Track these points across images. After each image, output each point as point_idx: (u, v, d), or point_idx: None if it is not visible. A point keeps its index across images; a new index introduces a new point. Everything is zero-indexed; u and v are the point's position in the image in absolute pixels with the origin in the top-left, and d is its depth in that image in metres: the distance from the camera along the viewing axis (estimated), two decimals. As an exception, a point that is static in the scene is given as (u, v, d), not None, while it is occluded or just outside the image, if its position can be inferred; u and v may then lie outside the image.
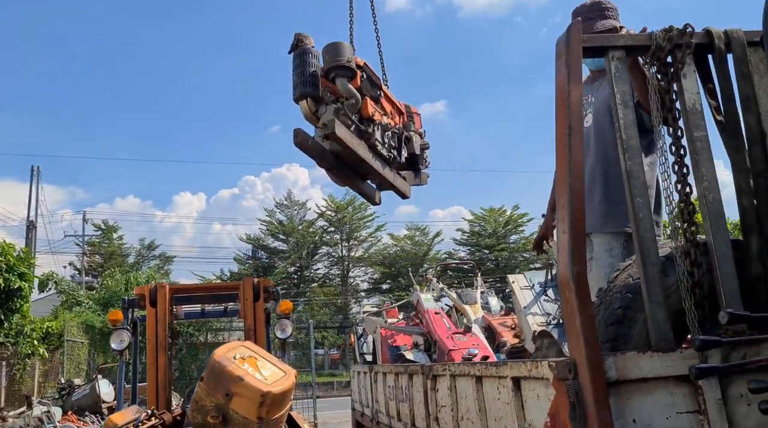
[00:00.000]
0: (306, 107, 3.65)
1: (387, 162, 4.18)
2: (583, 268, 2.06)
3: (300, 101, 3.63)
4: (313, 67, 3.60)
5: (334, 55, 3.62)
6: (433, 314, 7.73)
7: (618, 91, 2.34)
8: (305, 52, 3.60)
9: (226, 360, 2.94)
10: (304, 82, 3.56)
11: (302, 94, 3.57)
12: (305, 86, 3.56)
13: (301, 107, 3.66)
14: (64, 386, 13.38)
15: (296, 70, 3.59)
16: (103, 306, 23.22)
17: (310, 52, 3.61)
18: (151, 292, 4.47)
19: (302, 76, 3.56)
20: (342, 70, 3.64)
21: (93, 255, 38.10)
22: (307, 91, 3.58)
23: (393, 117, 4.27)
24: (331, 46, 3.68)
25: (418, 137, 4.49)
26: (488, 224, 39.46)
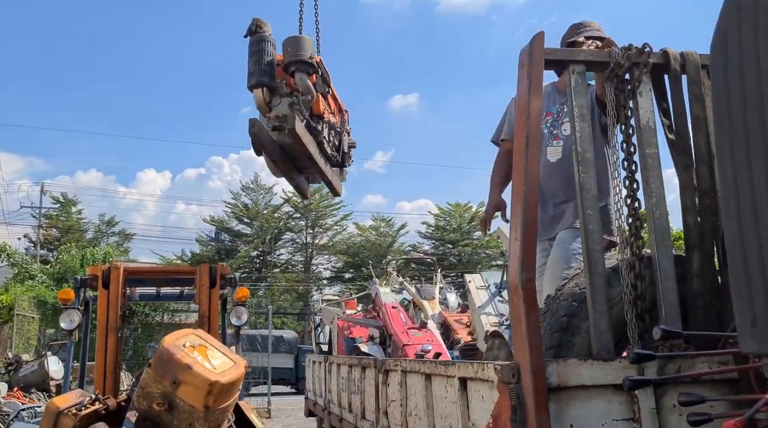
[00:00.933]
0: (260, 96, 3.63)
1: (329, 160, 4.28)
2: (532, 275, 2.11)
3: (255, 89, 3.62)
4: (270, 56, 3.60)
5: (297, 49, 3.63)
6: (390, 308, 7.81)
7: (576, 105, 2.39)
8: (263, 39, 3.59)
9: (175, 348, 2.93)
10: (261, 70, 3.56)
11: (258, 82, 3.57)
12: (262, 75, 3.55)
13: (255, 95, 3.64)
14: (12, 361, 13.09)
15: (253, 57, 3.58)
16: (57, 282, 22.70)
17: (267, 40, 3.60)
18: (105, 273, 4.39)
19: (259, 64, 3.55)
20: (303, 65, 3.66)
21: (50, 229, 37.13)
22: (264, 80, 3.57)
23: (335, 115, 4.36)
24: (294, 39, 3.69)
25: (346, 135, 4.58)
26: (453, 219, 39.79)
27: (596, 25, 3.24)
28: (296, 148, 3.81)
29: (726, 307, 2.25)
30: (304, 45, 3.67)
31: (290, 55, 3.62)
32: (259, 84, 3.58)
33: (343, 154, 4.49)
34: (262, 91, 3.63)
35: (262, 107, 3.67)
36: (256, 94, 3.64)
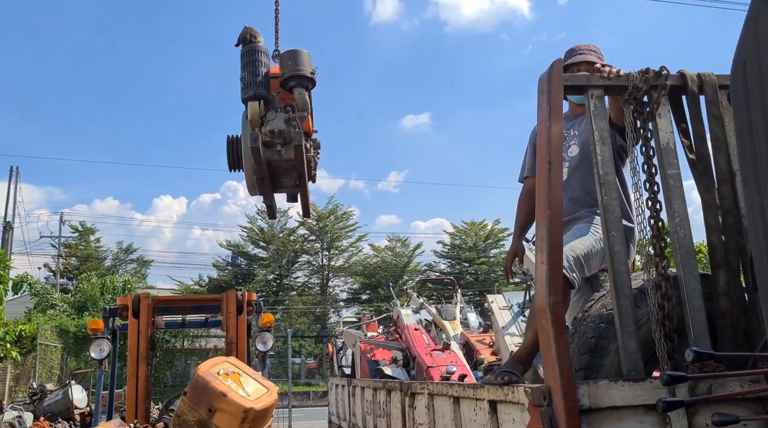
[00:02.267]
0: (256, 109, 3.51)
1: (311, 179, 4.18)
2: (560, 298, 2.15)
3: (251, 102, 3.50)
4: (265, 67, 3.51)
5: (297, 63, 3.53)
6: (412, 330, 7.81)
7: (596, 129, 2.45)
8: (257, 50, 3.51)
9: (210, 376, 2.99)
10: (258, 82, 3.46)
11: (257, 94, 3.46)
12: (259, 87, 3.46)
13: (251, 107, 3.50)
14: (36, 391, 13.15)
15: (247, 68, 3.48)
16: (78, 310, 22.92)
17: (261, 50, 3.53)
18: (134, 303, 4.48)
19: (255, 75, 3.46)
20: (304, 80, 3.56)
21: (69, 257, 37.53)
22: (262, 92, 3.47)
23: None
24: (293, 53, 3.57)
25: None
26: (469, 238, 39.68)
27: (591, 47, 3.29)
28: (284, 165, 3.69)
29: (753, 325, 2.27)
30: (304, 59, 3.56)
31: (290, 69, 3.51)
32: (257, 97, 3.47)
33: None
34: (259, 103, 3.51)
35: (256, 120, 3.53)
36: (251, 107, 3.51)
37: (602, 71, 2.50)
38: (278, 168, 3.75)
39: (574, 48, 3.29)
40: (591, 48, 3.23)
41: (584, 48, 3.23)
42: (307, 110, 3.62)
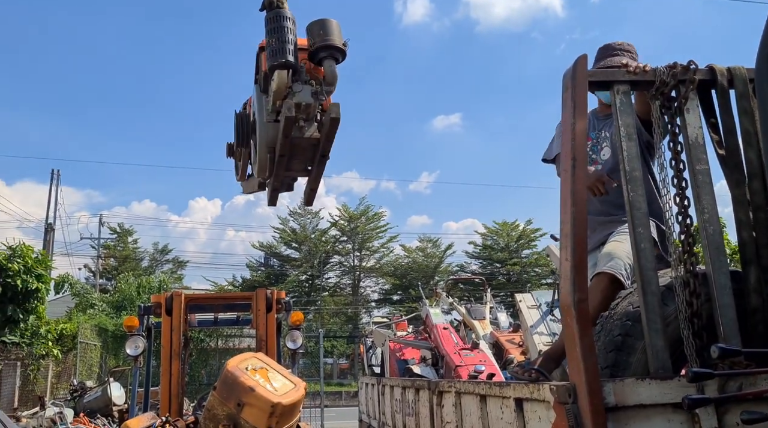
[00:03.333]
0: (284, 78, 3.22)
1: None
2: (585, 295, 2.14)
3: (280, 70, 3.21)
4: (293, 34, 3.23)
5: (328, 34, 3.24)
6: (441, 329, 7.80)
7: (622, 125, 2.42)
8: (284, 15, 3.23)
9: (239, 371, 3.04)
10: (287, 49, 3.16)
11: (287, 63, 3.17)
12: (289, 55, 3.16)
13: (279, 76, 3.22)
14: (77, 388, 13.53)
15: (274, 34, 3.20)
16: (116, 309, 23.48)
17: (288, 17, 3.24)
18: (167, 301, 4.58)
19: (284, 42, 3.17)
20: (336, 52, 3.27)
21: (108, 258, 38.46)
22: (292, 61, 3.18)
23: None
24: (322, 22, 3.29)
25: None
26: (501, 238, 39.38)
27: (625, 44, 3.23)
28: (302, 143, 3.41)
29: (786, 322, 2.22)
30: (335, 29, 3.28)
31: (321, 39, 3.23)
32: (288, 65, 3.18)
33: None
34: (288, 73, 3.24)
35: (281, 91, 3.27)
36: (279, 76, 3.23)
37: (629, 67, 2.47)
38: (295, 147, 3.45)
39: (609, 45, 3.23)
40: (625, 47, 3.16)
41: (618, 47, 3.17)
42: (334, 85, 3.36)
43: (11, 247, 14.42)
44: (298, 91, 3.22)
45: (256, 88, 3.68)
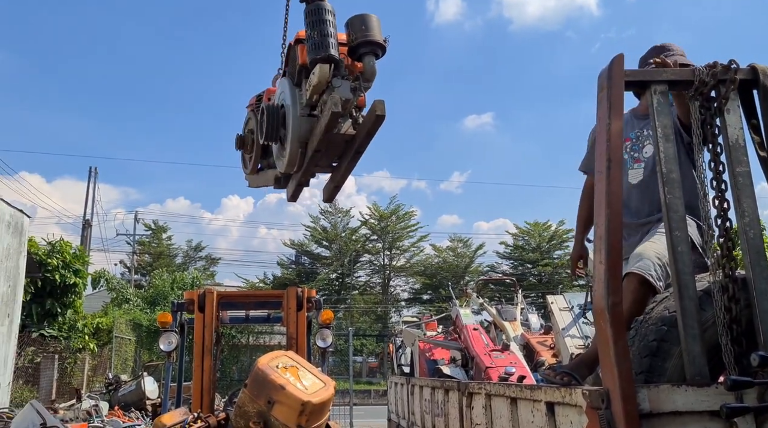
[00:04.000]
0: (326, 72, 3.16)
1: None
2: (619, 299, 2.10)
3: (322, 64, 3.16)
4: (334, 27, 3.19)
5: (369, 29, 3.19)
6: (471, 330, 7.76)
7: (659, 125, 2.37)
8: (324, 9, 3.18)
9: (269, 369, 3.07)
10: (329, 43, 3.12)
11: (330, 57, 3.12)
12: (332, 49, 3.11)
13: (321, 70, 3.16)
14: (112, 381, 13.85)
15: (316, 27, 3.15)
16: (150, 305, 23.95)
17: (329, 9, 3.20)
18: (200, 297, 4.64)
19: (326, 36, 3.13)
20: (377, 48, 3.23)
21: (143, 254, 39.24)
22: (335, 56, 3.13)
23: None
24: (367, 18, 3.23)
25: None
26: (532, 239, 38.98)
27: (679, 49, 3.16)
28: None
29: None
30: (375, 25, 3.22)
31: (362, 34, 3.18)
32: (331, 60, 3.14)
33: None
34: (330, 67, 3.18)
35: (321, 85, 3.21)
36: (321, 70, 3.17)
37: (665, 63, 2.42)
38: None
39: (664, 46, 3.17)
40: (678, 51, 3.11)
41: (677, 49, 3.12)
42: (373, 81, 3.32)
43: (51, 243, 14.83)
44: (337, 86, 3.16)
45: (284, 81, 3.64)
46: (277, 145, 3.76)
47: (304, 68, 3.40)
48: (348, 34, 3.25)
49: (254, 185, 4.57)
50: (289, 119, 3.53)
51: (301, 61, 3.38)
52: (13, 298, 10.91)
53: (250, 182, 4.58)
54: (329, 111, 3.12)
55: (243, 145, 4.30)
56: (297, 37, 3.50)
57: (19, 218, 11.10)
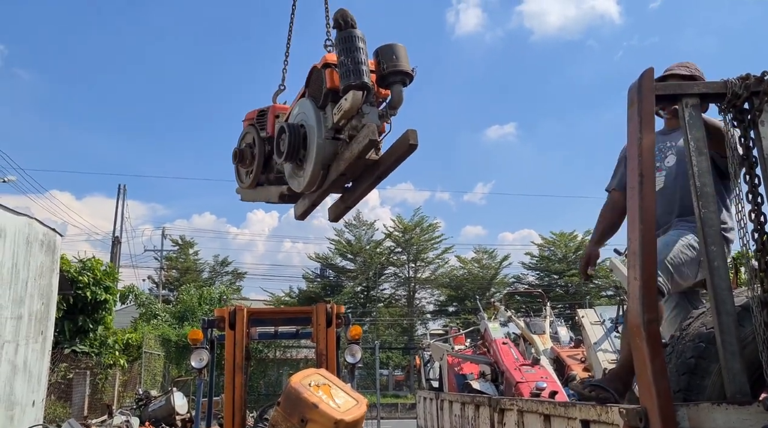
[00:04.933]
0: (359, 99, 3.25)
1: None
2: (655, 316, 2.08)
3: (356, 91, 3.25)
4: (365, 55, 3.27)
5: (400, 59, 3.29)
6: (500, 344, 7.70)
7: (692, 139, 2.35)
8: (357, 36, 3.27)
9: (302, 387, 3.09)
10: (362, 71, 3.21)
11: (364, 85, 3.22)
12: (365, 76, 3.21)
13: (354, 96, 3.25)
14: (142, 396, 13.99)
15: (349, 54, 3.23)
16: (179, 320, 24.20)
17: (361, 37, 3.29)
18: (231, 315, 4.68)
19: (360, 63, 3.22)
20: (406, 77, 3.34)
21: (170, 270, 39.70)
22: (368, 84, 3.23)
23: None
24: (396, 48, 3.34)
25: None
26: (558, 249, 38.57)
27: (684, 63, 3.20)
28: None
29: None
30: (403, 54, 3.32)
31: (393, 64, 3.28)
32: (364, 87, 3.25)
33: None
34: (363, 94, 3.28)
35: (353, 111, 3.29)
36: (354, 96, 3.26)
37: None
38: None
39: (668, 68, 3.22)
40: (684, 64, 3.13)
41: (675, 65, 3.15)
42: (398, 109, 3.42)
43: (82, 260, 15.11)
44: (367, 113, 3.29)
45: (306, 103, 3.69)
46: (292, 164, 3.78)
47: (331, 92, 3.47)
48: (378, 63, 3.33)
49: (249, 199, 4.63)
50: (312, 141, 3.58)
51: (329, 85, 3.45)
52: (47, 315, 11.11)
53: (243, 196, 4.62)
54: (366, 138, 3.20)
55: (242, 159, 4.35)
56: (325, 62, 3.56)
57: (52, 236, 11.33)
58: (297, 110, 3.82)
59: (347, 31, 3.31)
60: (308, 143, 3.63)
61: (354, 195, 3.90)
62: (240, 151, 4.37)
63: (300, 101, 3.81)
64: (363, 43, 3.29)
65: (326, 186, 3.73)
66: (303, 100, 3.78)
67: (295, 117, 3.81)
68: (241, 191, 4.64)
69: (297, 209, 4.26)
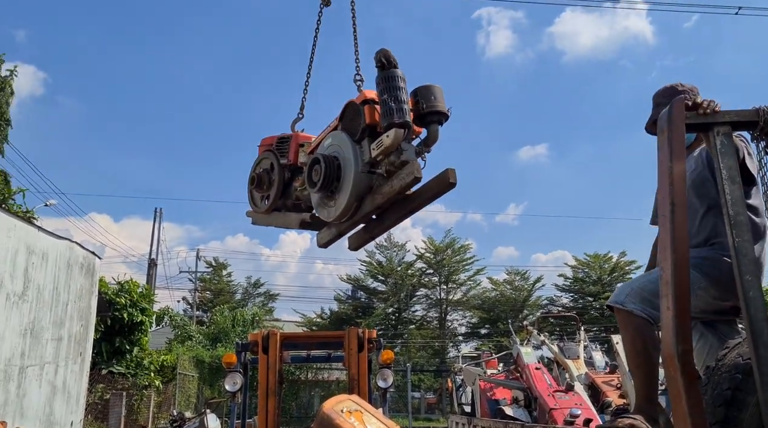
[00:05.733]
0: (401, 136, 3.38)
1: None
2: (689, 347, 2.06)
3: (398, 129, 3.37)
4: (407, 95, 3.42)
5: (438, 100, 3.45)
6: (533, 369, 7.59)
7: (724, 167, 2.33)
8: (401, 77, 3.44)
9: (334, 413, 3.10)
10: (405, 110, 3.36)
11: (407, 124, 3.37)
12: (407, 116, 3.36)
13: (396, 134, 3.36)
14: (176, 418, 14.10)
15: (393, 92, 3.37)
16: (212, 341, 24.44)
17: (402, 77, 3.45)
18: (264, 339, 4.75)
19: (401, 102, 3.37)
20: (443, 117, 3.48)
21: (204, 291, 40.22)
22: (410, 123, 3.38)
23: None
24: (435, 89, 3.50)
25: None
26: (593, 271, 37.92)
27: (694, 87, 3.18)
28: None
29: None
30: (441, 95, 3.47)
31: (430, 104, 3.42)
32: (406, 126, 3.38)
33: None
34: (404, 132, 3.40)
35: (392, 147, 3.41)
36: (396, 134, 3.37)
37: (702, 106, 2.41)
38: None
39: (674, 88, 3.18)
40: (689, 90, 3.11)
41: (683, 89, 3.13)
42: (432, 147, 3.54)
43: (119, 282, 15.45)
44: (405, 150, 3.41)
45: (342, 136, 3.77)
46: (322, 194, 3.86)
47: (369, 128, 3.58)
48: (416, 102, 3.46)
49: (262, 223, 4.65)
50: (349, 173, 3.66)
51: (369, 121, 3.56)
52: (85, 337, 11.37)
53: (256, 220, 4.66)
54: (411, 176, 3.33)
55: (260, 184, 4.42)
56: (365, 98, 3.66)
57: (91, 259, 11.63)
58: (330, 141, 3.89)
59: (391, 71, 3.44)
60: (342, 175, 3.72)
61: (381, 226, 3.96)
62: (258, 175, 4.46)
63: (333, 133, 3.89)
64: (404, 83, 3.42)
65: (357, 217, 3.82)
66: (337, 132, 3.85)
67: (326, 148, 3.89)
68: (253, 215, 4.70)
69: (321, 237, 4.32)
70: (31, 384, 9.07)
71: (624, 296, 2.84)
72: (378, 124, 3.53)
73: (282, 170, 4.38)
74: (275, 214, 4.49)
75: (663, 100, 3.16)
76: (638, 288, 2.84)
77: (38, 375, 9.30)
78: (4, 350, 8.25)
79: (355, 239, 4.18)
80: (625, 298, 2.82)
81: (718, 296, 2.85)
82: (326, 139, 3.94)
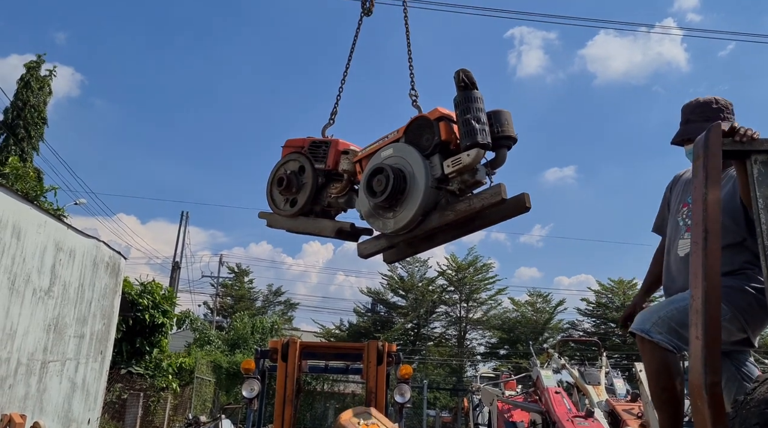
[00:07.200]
0: (481, 157, 3.48)
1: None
2: (718, 379, 2.01)
3: (479, 148, 3.45)
4: (485, 115, 3.51)
5: (509, 125, 3.59)
6: (553, 393, 7.48)
7: (761, 196, 2.29)
8: (478, 98, 3.53)
9: (350, 424, 3.10)
10: (487, 131, 3.46)
11: (487, 145, 3.47)
12: (488, 137, 3.46)
13: (477, 154, 3.44)
14: (191, 422, 14.14)
15: (473, 113, 3.46)
16: (231, 347, 24.56)
17: (481, 98, 3.54)
18: (283, 347, 4.76)
19: (483, 123, 3.46)
20: (512, 142, 3.62)
21: (225, 297, 40.50)
22: (490, 145, 3.48)
23: None
24: (507, 114, 3.63)
25: None
26: (616, 297, 37.29)
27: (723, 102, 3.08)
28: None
29: None
30: (511, 121, 3.61)
31: (502, 129, 3.55)
32: (487, 147, 3.48)
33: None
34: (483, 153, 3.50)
35: (470, 166, 3.49)
36: (477, 154, 3.45)
37: (739, 132, 2.36)
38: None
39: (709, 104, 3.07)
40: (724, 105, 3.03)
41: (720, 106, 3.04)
42: (497, 169, 3.65)
43: (143, 283, 15.64)
44: (479, 170, 3.51)
45: (410, 149, 3.74)
46: (381, 204, 3.79)
47: (442, 144, 3.60)
48: (490, 125, 3.54)
49: (282, 227, 4.49)
50: (418, 188, 3.64)
51: (444, 137, 3.59)
52: (107, 336, 11.51)
53: (274, 222, 4.51)
54: (498, 196, 3.38)
55: (288, 186, 4.34)
56: (440, 114, 3.67)
57: (117, 259, 11.80)
58: (390, 152, 3.85)
59: (474, 92, 3.53)
60: (408, 188, 3.70)
61: (428, 243, 3.95)
62: (287, 177, 4.37)
63: (396, 145, 3.84)
64: (482, 103, 3.51)
65: (419, 232, 3.79)
66: (402, 145, 3.81)
67: (386, 159, 3.85)
68: (270, 217, 4.55)
69: (365, 248, 4.20)
70: (52, 379, 9.20)
71: (650, 324, 2.77)
72: (451, 141, 3.58)
73: (316, 174, 4.31)
74: (302, 219, 4.39)
75: (693, 118, 3.07)
76: (666, 317, 2.76)
77: (59, 371, 9.43)
78: (28, 344, 8.39)
79: (395, 254, 4.15)
80: (651, 327, 2.75)
81: (740, 328, 2.78)
82: (385, 149, 3.89)
